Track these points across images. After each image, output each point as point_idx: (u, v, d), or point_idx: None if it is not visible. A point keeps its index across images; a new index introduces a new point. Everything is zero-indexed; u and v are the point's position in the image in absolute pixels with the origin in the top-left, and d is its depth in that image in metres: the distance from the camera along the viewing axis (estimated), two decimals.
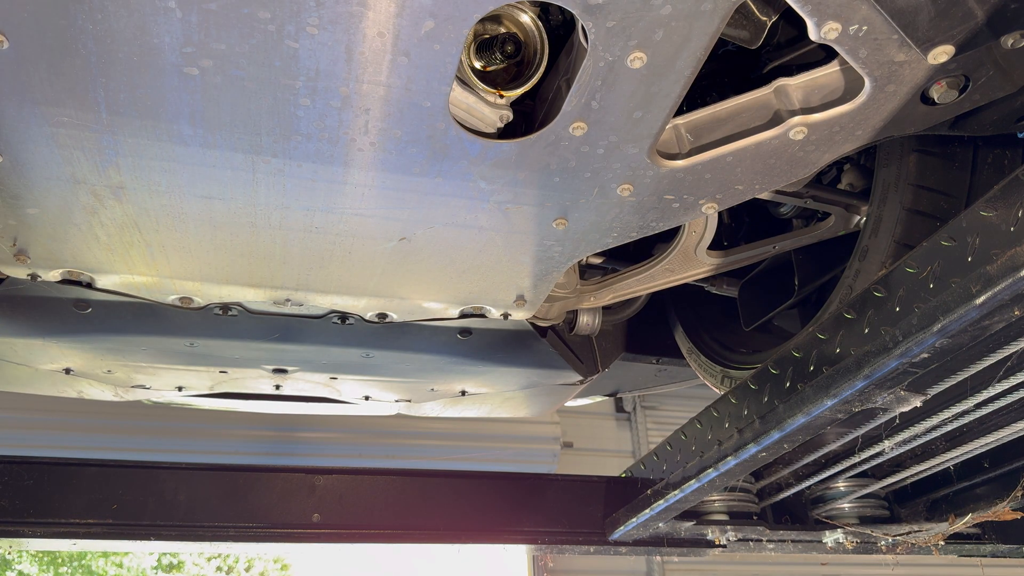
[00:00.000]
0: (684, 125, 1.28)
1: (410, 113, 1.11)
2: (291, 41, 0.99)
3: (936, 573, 5.24)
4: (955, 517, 2.11)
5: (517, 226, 1.40)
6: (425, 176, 1.25)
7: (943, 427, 1.70)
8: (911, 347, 1.17)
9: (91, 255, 1.43)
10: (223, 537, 2.03)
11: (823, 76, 1.22)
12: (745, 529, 2.22)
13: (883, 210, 1.54)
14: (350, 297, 1.62)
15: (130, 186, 1.25)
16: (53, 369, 2.00)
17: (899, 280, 1.19)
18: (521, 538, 2.30)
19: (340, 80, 1.05)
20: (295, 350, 1.91)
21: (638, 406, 5.48)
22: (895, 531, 2.28)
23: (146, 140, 1.15)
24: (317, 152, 1.18)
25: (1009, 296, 1.04)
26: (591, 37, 1.00)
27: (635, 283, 1.86)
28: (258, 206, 1.31)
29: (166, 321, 1.72)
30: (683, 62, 1.05)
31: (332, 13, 0.95)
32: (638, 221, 1.40)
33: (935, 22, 1.04)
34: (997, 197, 1.05)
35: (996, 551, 2.37)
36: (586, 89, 1.08)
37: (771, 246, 1.86)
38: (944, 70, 1.12)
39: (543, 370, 2.05)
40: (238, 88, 1.06)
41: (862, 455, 1.89)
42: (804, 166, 1.31)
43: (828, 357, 1.32)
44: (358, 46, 1.00)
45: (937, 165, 1.55)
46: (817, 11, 1.00)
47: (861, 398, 1.32)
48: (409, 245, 1.44)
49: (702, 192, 1.34)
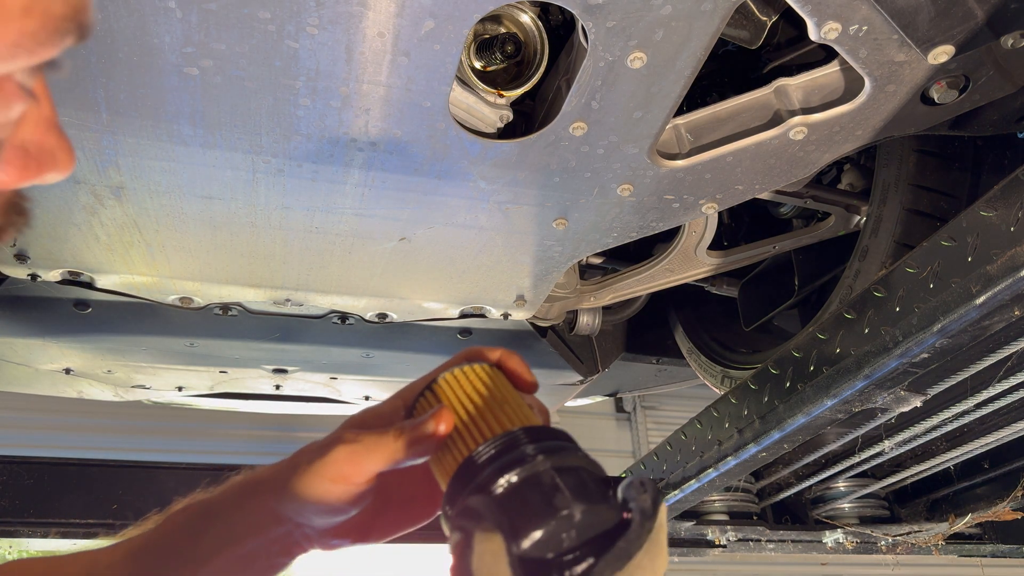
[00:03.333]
0: (684, 125, 1.28)
1: (410, 113, 1.11)
2: (291, 41, 0.99)
3: (936, 573, 5.23)
4: (955, 517, 2.11)
5: (517, 226, 1.40)
6: (425, 176, 1.25)
7: (943, 427, 1.70)
8: (911, 347, 1.17)
9: (91, 255, 1.43)
10: None
11: (823, 76, 1.22)
12: (745, 529, 2.22)
13: (883, 210, 1.54)
14: (350, 297, 1.62)
15: (130, 186, 1.25)
16: (53, 369, 2.00)
17: (899, 280, 1.19)
18: None
19: (340, 80, 1.05)
20: (295, 350, 1.91)
21: (638, 406, 5.48)
22: (895, 531, 2.28)
23: (146, 140, 1.15)
24: (317, 152, 1.18)
25: (1009, 296, 1.04)
26: (591, 37, 1.00)
27: (635, 283, 1.86)
28: (258, 206, 1.31)
29: (166, 321, 1.72)
30: (683, 62, 1.05)
31: (332, 13, 0.95)
32: (638, 221, 1.40)
33: (935, 22, 1.04)
34: (997, 197, 1.05)
35: (996, 551, 2.37)
36: (586, 89, 1.08)
37: (771, 246, 1.86)
38: (944, 70, 1.12)
39: (543, 370, 2.05)
40: (238, 88, 1.06)
41: (862, 455, 1.89)
42: (804, 166, 1.31)
43: (828, 357, 1.32)
44: (358, 46, 1.00)
45: (937, 165, 1.55)
46: (817, 11, 1.00)
47: (861, 398, 1.32)
48: (409, 245, 1.44)
49: (702, 192, 1.33)
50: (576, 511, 0.56)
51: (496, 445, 0.62)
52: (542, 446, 0.61)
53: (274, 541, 0.76)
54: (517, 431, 0.63)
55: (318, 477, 0.69)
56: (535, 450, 0.61)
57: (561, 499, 0.57)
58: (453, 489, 0.63)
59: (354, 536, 0.76)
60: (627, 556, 0.55)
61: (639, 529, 0.56)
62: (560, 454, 0.61)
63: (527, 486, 0.58)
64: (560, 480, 0.58)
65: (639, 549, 0.55)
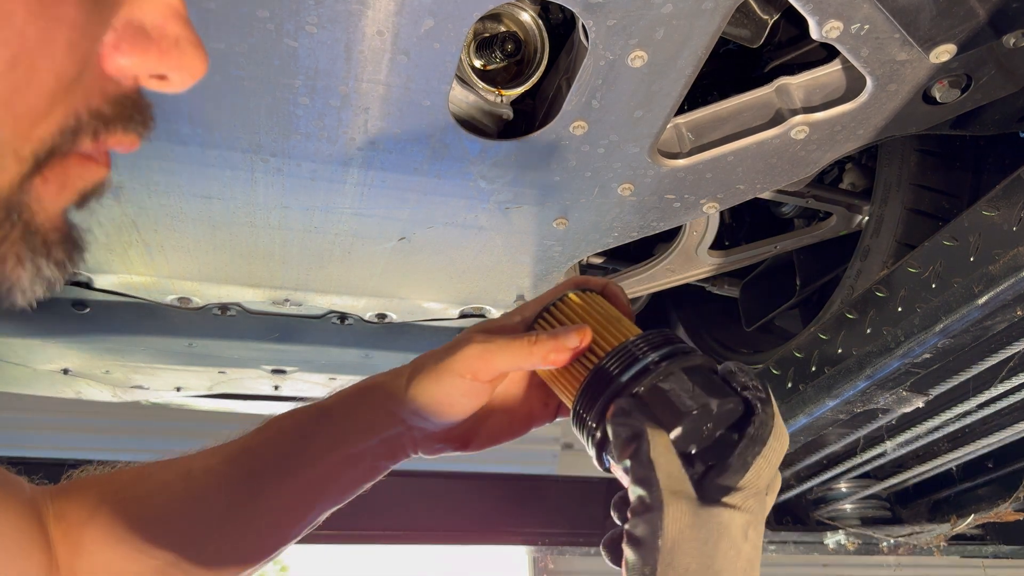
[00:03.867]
0: (685, 124, 1.27)
1: (409, 112, 1.10)
2: (290, 40, 0.98)
3: (938, 574, 5.23)
4: (957, 518, 2.10)
5: (517, 226, 1.39)
6: (425, 175, 1.24)
7: (945, 428, 1.69)
8: (913, 347, 1.16)
9: (89, 255, 1.42)
10: None
11: (824, 75, 1.21)
12: None
13: (885, 210, 1.54)
14: (349, 297, 1.61)
15: (129, 186, 1.25)
16: (51, 369, 2.00)
17: (901, 280, 1.19)
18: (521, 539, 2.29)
19: (339, 79, 1.04)
20: (294, 350, 1.91)
21: None
22: (897, 532, 2.28)
23: (144, 139, 1.14)
24: (316, 151, 1.18)
25: (1011, 296, 1.04)
26: (591, 36, 0.99)
27: (635, 283, 1.85)
28: (257, 206, 1.30)
29: (165, 321, 1.71)
30: (684, 61, 1.05)
31: (331, 11, 0.94)
32: (639, 221, 1.39)
33: (937, 21, 1.04)
34: (999, 196, 1.05)
35: (998, 552, 2.36)
36: (586, 88, 1.08)
37: (772, 246, 1.85)
38: (946, 69, 1.12)
39: None
40: (237, 87, 1.05)
41: (864, 456, 1.89)
42: (806, 165, 1.31)
43: (829, 357, 1.32)
44: (357, 44, 0.99)
45: (939, 165, 1.55)
46: (819, 10, 1.00)
47: (863, 399, 1.31)
48: (409, 245, 1.44)
49: (703, 191, 1.33)
50: (712, 404, 0.63)
51: (626, 353, 0.68)
52: (668, 350, 0.68)
53: (383, 442, 0.79)
54: (640, 340, 0.69)
55: (447, 372, 0.73)
56: (663, 355, 0.67)
57: (700, 394, 0.63)
58: (592, 393, 0.68)
59: (457, 443, 0.80)
60: (762, 440, 0.60)
61: (764, 416, 0.62)
62: (684, 356, 0.68)
63: (667, 387, 0.64)
64: (692, 379, 0.64)
65: (770, 433, 0.61)
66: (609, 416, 0.65)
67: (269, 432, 0.82)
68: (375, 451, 0.80)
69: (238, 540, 0.80)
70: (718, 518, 0.57)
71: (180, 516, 0.80)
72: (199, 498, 0.80)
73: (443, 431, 0.78)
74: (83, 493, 0.80)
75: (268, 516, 0.80)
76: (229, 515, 0.79)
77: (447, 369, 0.73)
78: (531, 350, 0.71)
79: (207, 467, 0.82)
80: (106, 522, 0.77)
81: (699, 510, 0.57)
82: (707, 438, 0.63)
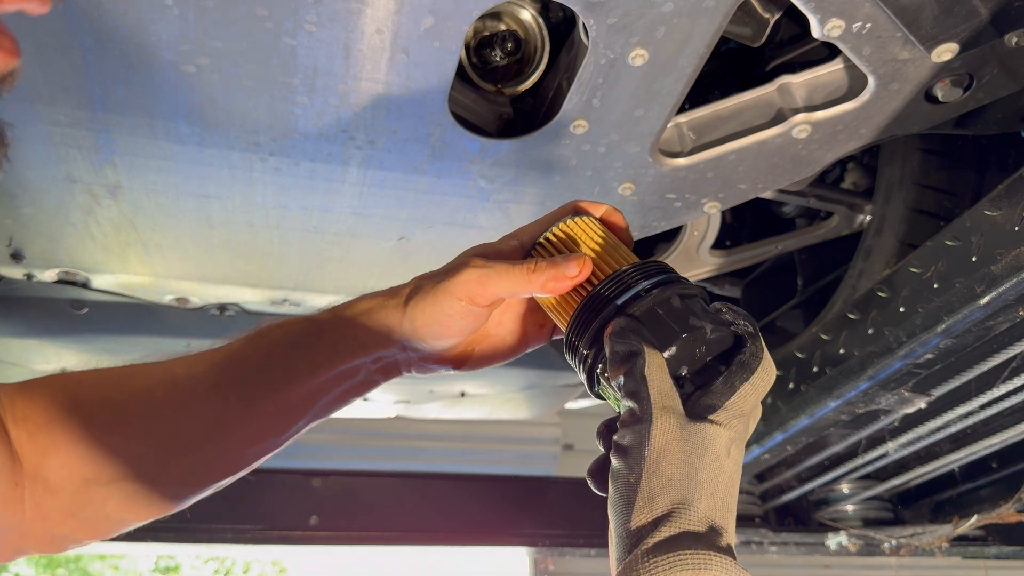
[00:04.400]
0: (686, 123, 1.27)
1: (409, 111, 1.10)
2: (289, 38, 0.98)
3: None
4: (959, 519, 2.10)
5: (518, 225, 1.38)
6: (424, 175, 1.24)
7: (947, 428, 1.69)
8: (915, 348, 1.16)
9: (87, 255, 1.42)
10: (220, 539, 2.02)
11: (826, 74, 1.21)
12: (748, 532, 2.21)
13: (887, 209, 1.53)
14: (348, 297, 1.61)
15: (126, 185, 1.24)
16: (49, 370, 1.99)
17: (903, 280, 1.18)
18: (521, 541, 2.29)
19: (338, 78, 1.04)
20: None
21: None
22: (899, 533, 2.27)
23: (142, 138, 1.14)
24: (315, 150, 1.17)
25: (1014, 296, 1.03)
26: (592, 34, 0.99)
27: None
28: (255, 205, 1.30)
29: (163, 322, 1.71)
30: (685, 59, 1.04)
31: (330, 10, 0.94)
32: (640, 220, 1.39)
33: (939, 20, 1.04)
34: (1001, 196, 1.05)
35: (1000, 553, 2.36)
36: (587, 87, 1.07)
37: (774, 246, 1.85)
38: (948, 68, 1.11)
39: (544, 371, 2.04)
40: (236, 86, 1.05)
41: (866, 457, 1.88)
42: (807, 165, 1.30)
43: (832, 358, 1.31)
44: (356, 43, 0.99)
45: (941, 164, 1.54)
46: (820, 8, 0.99)
47: (865, 399, 1.31)
48: (408, 245, 1.43)
49: (704, 191, 1.32)
50: (707, 329, 0.64)
51: (622, 280, 0.69)
52: (663, 278, 0.69)
53: (377, 360, 0.79)
54: (635, 268, 0.70)
55: (445, 294, 0.73)
56: (658, 281, 0.69)
57: (694, 319, 0.65)
58: (585, 319, 0.70)
59: (452, 364, 0.80)
60: (751, 369, 0.62)
61: (753, 347, 0.64)
62: (679, 283, 0.69)
63: (663, 310, 0.66)
64: (687, 305, 0.66)
65: (760, 364, 0.63)
66: (607, 335, 0.67)
67: (260, 342, 0.80)
68: (368, 368, 0.79)
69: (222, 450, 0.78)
70: (703, 433, 0.59)
71: (163, 423, 0.78)
72: (184, 405, 0.78)
73: (438, 352, 0.78)
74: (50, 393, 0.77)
75: (256, 425, 0.78)
76: (216, 425, 0.77)
77: (445, 291, 0.73)
78: (530, 278, 0.72)
79: (191, 374, 0.79)
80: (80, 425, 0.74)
81: (686, 424, 0.59)
82: (698, 362, 0.65)
